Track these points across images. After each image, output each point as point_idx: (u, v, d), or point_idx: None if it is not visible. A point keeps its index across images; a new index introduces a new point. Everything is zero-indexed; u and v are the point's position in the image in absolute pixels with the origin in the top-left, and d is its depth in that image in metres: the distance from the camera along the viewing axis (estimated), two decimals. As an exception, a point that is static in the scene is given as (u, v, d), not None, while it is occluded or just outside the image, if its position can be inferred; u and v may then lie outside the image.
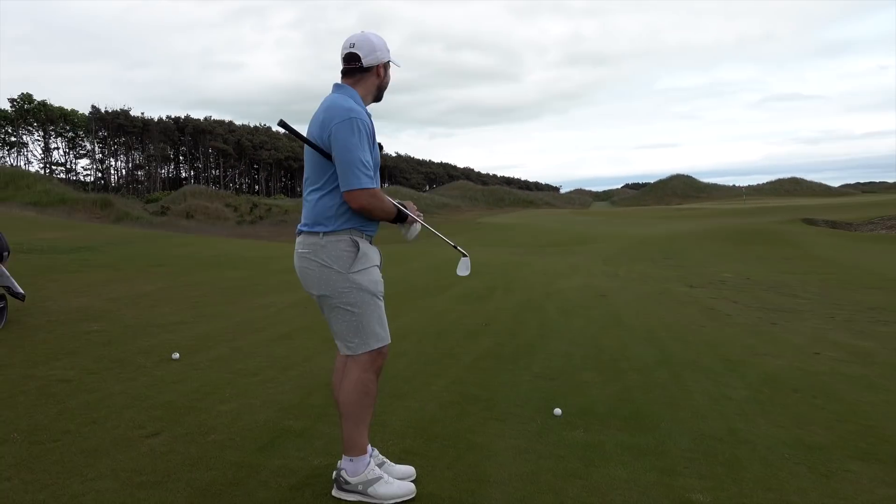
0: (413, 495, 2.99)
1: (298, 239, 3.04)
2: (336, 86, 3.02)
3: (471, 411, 4.28)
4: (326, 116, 2.85)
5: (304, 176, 3.04)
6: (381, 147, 3.06)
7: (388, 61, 3.06)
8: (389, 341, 3.07)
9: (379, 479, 2.99)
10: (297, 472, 3.24)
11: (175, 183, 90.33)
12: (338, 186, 2.87)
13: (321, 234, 2.93)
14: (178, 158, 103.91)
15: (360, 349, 2.97)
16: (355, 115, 2.83)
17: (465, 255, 3.26)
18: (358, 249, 2.93)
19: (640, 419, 4.20)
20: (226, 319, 7.62)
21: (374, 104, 3.12)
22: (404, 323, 7.46)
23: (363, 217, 2.94)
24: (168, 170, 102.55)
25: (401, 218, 3.03)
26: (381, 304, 3.04)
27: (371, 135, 2.91)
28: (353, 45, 2.97)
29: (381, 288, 3.04)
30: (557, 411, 4.22)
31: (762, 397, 4.82)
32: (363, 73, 3.00)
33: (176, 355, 5.56)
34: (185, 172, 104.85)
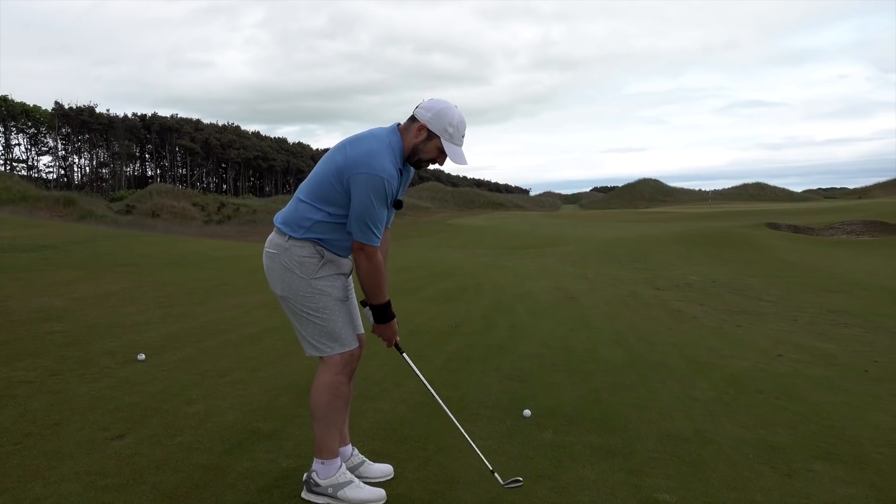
0: (383, 501, 2.99)
1: (270, 234, 3.03)
2: (395, 125, 2.99)
3: (441, 413, 4.27)
4: (357, 158, 2.81)
5: (308, 177, 3.04)
6: (400, 203, 3.02)
7: (438, 136, 2.91)
8: (356, 345, 3.06)
9: (350, 482, 2.99)
10: (265, 475, 3.21)
11: (141, 181, 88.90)
12: (326, 209, 2.88)
13: (287, 238, 2.93)
14: (144, 156, 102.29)
15: (331, 351, 2.96)
16: (386, 175, 2.80)
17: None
18: (322, 258, 2.94)
19: (608, 420, 4.24)
20: (193, 320, 7.52)
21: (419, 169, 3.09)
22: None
23: (341, 252, 2.99)
24: (133, 168, 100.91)
25: (383, 314, 3.04)
26: (348, 307, 3.05)
27: (393, 195, 2.91)
28: (430, 99, 2.97)
29: (344, 294, 3.04)
30: (527, 412, 4.24)
31: (727, 398, 4.90)
32: (411, 123, 2.94)
33: (141, 356, 5.47)
34: (151, 171, 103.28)
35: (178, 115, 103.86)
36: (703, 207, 69.17)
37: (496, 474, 3.09)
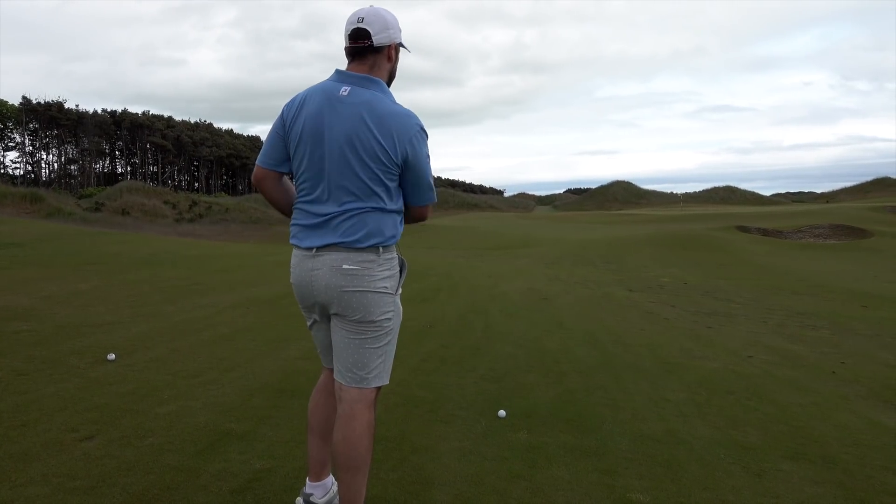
0: None
1: (330, 256, 2.51)
2: (336, 72, 2.55)
3: (416, 413, 4.27)
4: (403, 119, 2.45)
5: None
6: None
7: (400, 44, 2.61)
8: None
9: None
10: (238, 476, 3.18)
11: (110, 178, 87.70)
12: (393, 201, 2.55)
13: (380, 249, 2.53)
14: (114, 153, 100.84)
15: (384, 382, 2.62)
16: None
17: None
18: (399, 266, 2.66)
19: (582, 421, 4.26)
20: (164, 319, 7.43)
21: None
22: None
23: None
24: (103, 165, 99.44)
25: None
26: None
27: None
28: (361, 20, 2.49)
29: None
30: (502, 413, 4.25)
31: (699, 399, 4.96)
32: (375, 55, 2.53)
33: (111, 356, 5.39)
34: (122, 168, 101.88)
35: (150, 112, 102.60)
36: (675, 210, 69.95)
37: None
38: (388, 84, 2.62)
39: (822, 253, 25.45)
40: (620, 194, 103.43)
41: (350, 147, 2.42)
